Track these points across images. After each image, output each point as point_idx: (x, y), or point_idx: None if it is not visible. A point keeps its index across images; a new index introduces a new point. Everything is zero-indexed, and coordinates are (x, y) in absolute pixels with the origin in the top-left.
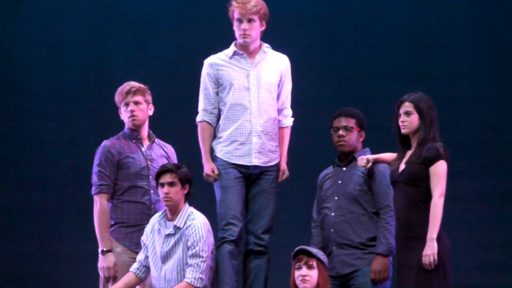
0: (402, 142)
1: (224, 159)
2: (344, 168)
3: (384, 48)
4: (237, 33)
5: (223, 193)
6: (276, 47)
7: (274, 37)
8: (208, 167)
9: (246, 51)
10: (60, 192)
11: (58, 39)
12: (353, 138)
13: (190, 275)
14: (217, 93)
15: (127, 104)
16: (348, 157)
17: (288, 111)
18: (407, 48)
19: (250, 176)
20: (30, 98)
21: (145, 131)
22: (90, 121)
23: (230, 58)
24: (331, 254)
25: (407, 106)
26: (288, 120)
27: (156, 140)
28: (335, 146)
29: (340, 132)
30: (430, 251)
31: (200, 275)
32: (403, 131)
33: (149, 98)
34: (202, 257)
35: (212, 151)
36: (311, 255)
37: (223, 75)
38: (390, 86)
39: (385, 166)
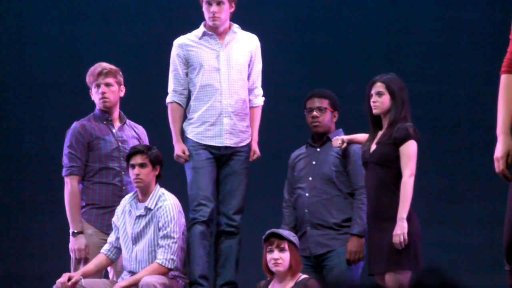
0: (374, 123)
1: (195, 140)
2: (318, 149)
3: (356, 28)
4: (206, 16)
5: (194, 175)
6: (247, 27)
7: (246, 18)
8: (179, 148)
9: (216, 32)
10: (29, 180)
11: (25, 25)
12: (327, 118)
13: (162, 256)
14: (186, 74)
15: (98, 86)
16: (322, 138)
17: (259, 91)
18: (378, 28)
19: (221, 157)
20: None
21: (116, 112)
22: (59, 108)
23: (200, 38)
24: (305, 234)
25: (378, 86)
26: (259, 100)
27: (127, 121)
28: (309, 127)
29: (314, 113)
30: (400, 230)
31: (172, 256)
32: (374, 111)
33: (121, 79)
34: (173, 238)
35: (182, 132)
36: (282, 238)
37: (192, 55)
38: (362, 66)
39: (360, 147)
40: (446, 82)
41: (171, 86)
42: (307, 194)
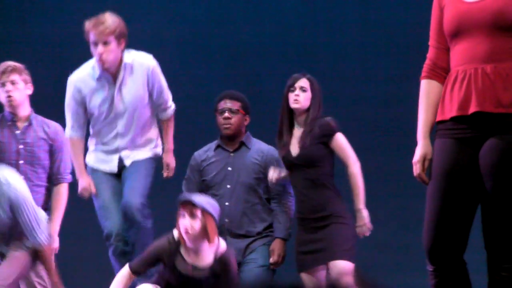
0: (288, 120)
1: (94, 168)
2: (231, 154)
3: (274, 26)
4: (95, 57)
5: (97, 195)
6: (165, 25)
7: (164, 16)
8: (85, 181)
9: (108, 71)
10: None
11: None
12: (238, 121)
13: None
14: (84, 111)
15: (3, 84)
16: (233, 141)
17: (168, 104)
18: (295, 26)
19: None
20: None
21: (23, 111)
22: None
23: (95, 78)
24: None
25: (303, 82)
26: (169, 112)
27: (39, 120)
28: (220, 128)
29: (226, 114)
30: (362, 221)
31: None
32: (293, 105)
33: (27, 77)
34: None
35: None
36: (195, 205)
37: (88, 96)
38: (280, 66)
39: (273, 150)
40: (363, 82)
41: (68, 123)
42: (226, 203)
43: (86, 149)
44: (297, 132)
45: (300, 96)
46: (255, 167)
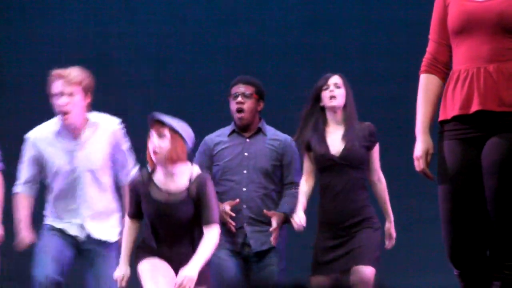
0: (319, 117)
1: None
2: (247, 139)
3: (275, 26)
4: (56, 109)
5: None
6: (168, 25)
7: (166, 17)
8: (27, 236)
9: (70, 127)
10: None
11: None
12: (252, 106)
13: None
14: (40, 170)
15: None
16: (248, 127)
17: (129, 169)
18: (297, 26)
19: None
20: None
21: None
22: None
23: (55, 135)
24: (241, 229)
25: (336, 78)
26: (130, 177)
27: None
28: (232, 113)
29: (239, 98)
30: (394, 231)
31: None
32: (332, 103)
33: None
34: None
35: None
36: (163, 124)
37: (47, 157)
38: (283, 65)
39: (290, 140)
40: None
41: (22, 177)
42: (244, 189)
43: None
44: (334, 130)
45: (337, 92)
46: (272, 154)
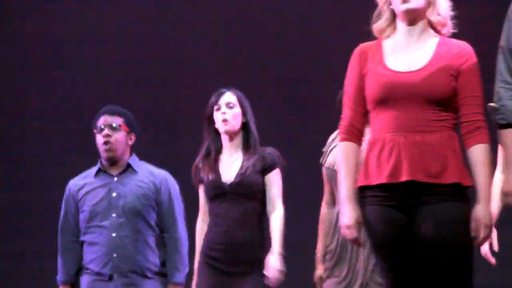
0: (215, 144)
1: None
2: (115, 178)
3: (274, 27)
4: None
5: None
6: (179, 34)
7: (176, 27)
8: None
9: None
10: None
11: None
12: (122, 139)
13: None
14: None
15: None
16: (116, 164)
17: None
18: (295, 28)
19: None
20: None
21: None
22: None
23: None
24: (111, 280)
25: (229, 96)
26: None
27: None
28: (99, 150)
29: (106, 131)
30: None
31: None
32: (223, 127)
33: None
34: None
35: None
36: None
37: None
38: (280, 67)
39: (166, 173)
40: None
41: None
42: (114, 234)
43: None
44: (239, 156)
45: (228, 114)
46: (146, 192)
